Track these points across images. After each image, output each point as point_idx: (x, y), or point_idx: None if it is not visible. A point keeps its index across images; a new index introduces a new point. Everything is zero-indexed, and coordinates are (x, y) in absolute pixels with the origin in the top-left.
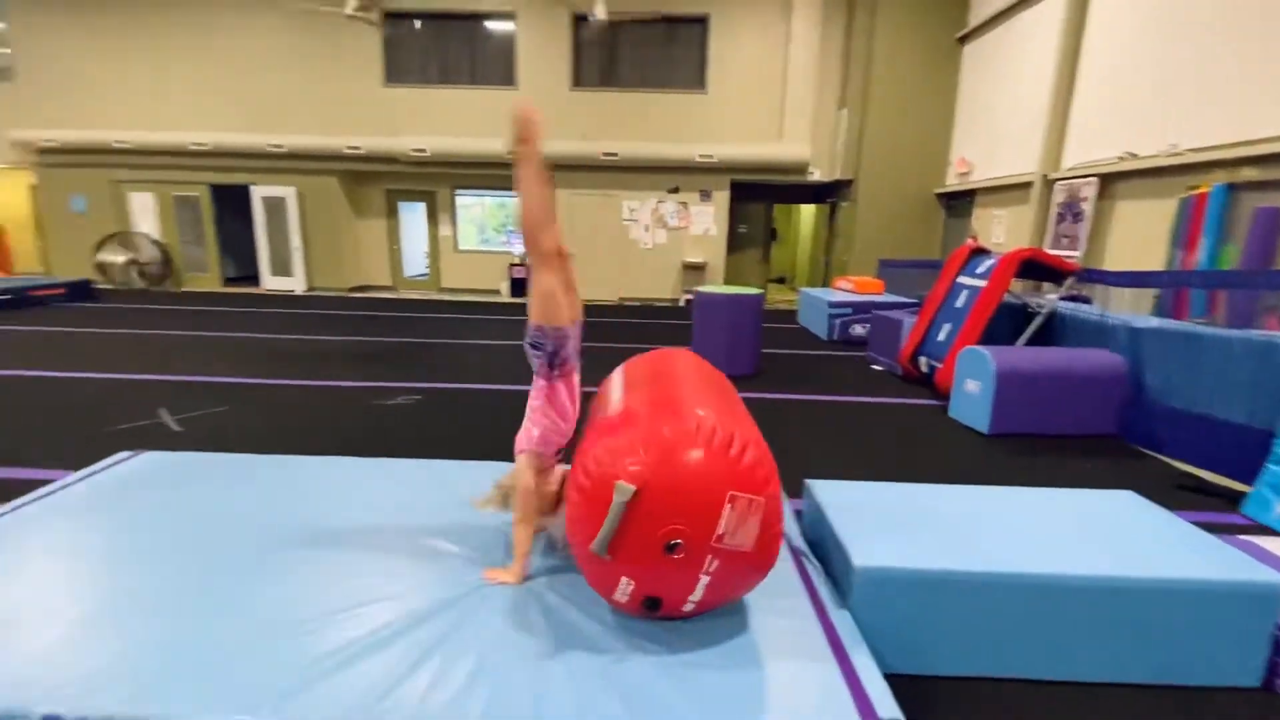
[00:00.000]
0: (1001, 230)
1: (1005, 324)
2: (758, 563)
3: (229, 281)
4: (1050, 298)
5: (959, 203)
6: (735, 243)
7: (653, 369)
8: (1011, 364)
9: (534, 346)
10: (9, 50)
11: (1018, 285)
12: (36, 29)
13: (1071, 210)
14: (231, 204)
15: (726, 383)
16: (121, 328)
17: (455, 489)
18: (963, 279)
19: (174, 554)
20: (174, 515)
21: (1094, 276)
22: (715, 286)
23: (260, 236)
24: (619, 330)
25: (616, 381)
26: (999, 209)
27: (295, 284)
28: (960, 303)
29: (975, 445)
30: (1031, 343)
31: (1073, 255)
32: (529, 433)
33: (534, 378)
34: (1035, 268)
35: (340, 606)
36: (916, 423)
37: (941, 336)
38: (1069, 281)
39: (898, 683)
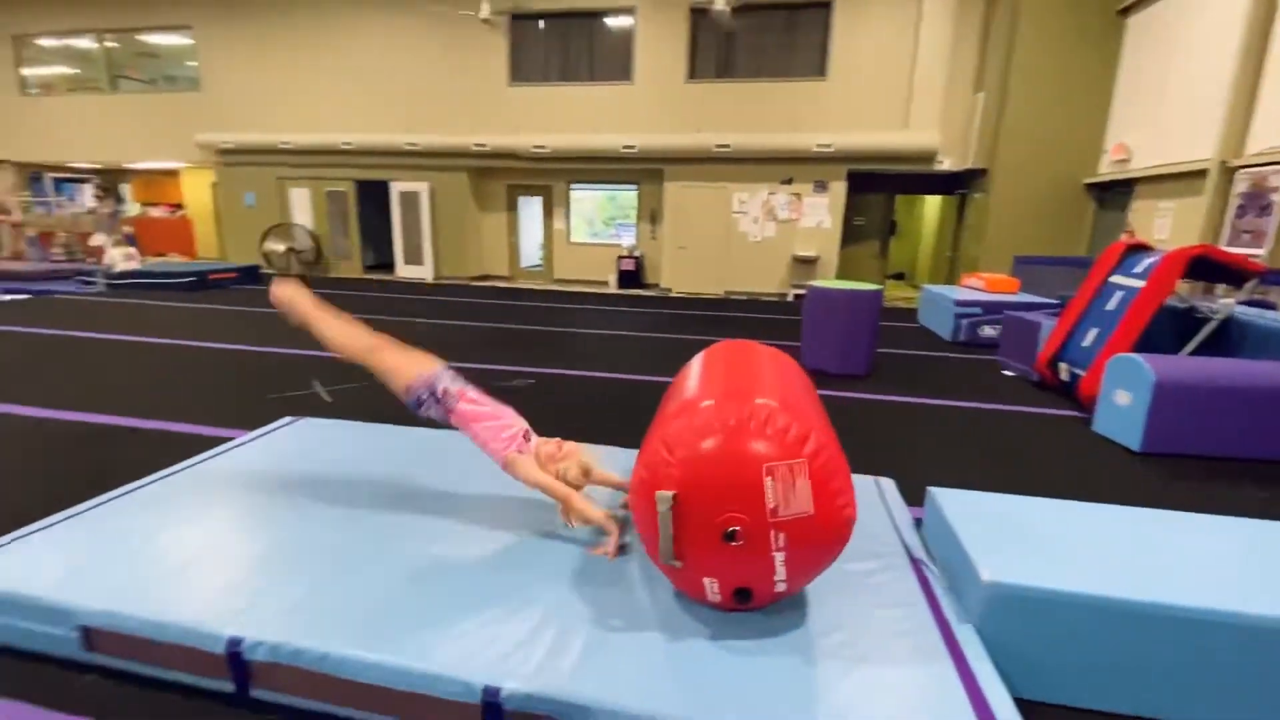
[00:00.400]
0: (1165, 225)
1: (1166, 330)
2: (829, 524)
3: (368, 269)
4: (1226, 301)
5: (1113, 194)
6: (850, 236)
7: (697, 368)
8: (1172, 374)
9: (419, 405)
10: (197, 63)
11: (1184, 287)
12: (218, 43)
13: (1256, 202)
14: (373, 198)
15: (777, 361)
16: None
17: None
18: (1116, 278)
19: (329, 507)
20: (328, 474)
21: None
22: (829, 281)
23: (396, 228)
24: (722, 325)
25: (673, 386)
26: (1164, 200)
27: (425, 272)
28: (1112, 305)
29: (1123, 463)
30: (1199, 352)
31: (1257, 254)
32: (493, 451)
33: (450, 421)
34: (1207, 267)
35: (466, 562)
36: (1053, 435)
37: (1087, 341)
38: (1252, 284)
39: (1024, 707)
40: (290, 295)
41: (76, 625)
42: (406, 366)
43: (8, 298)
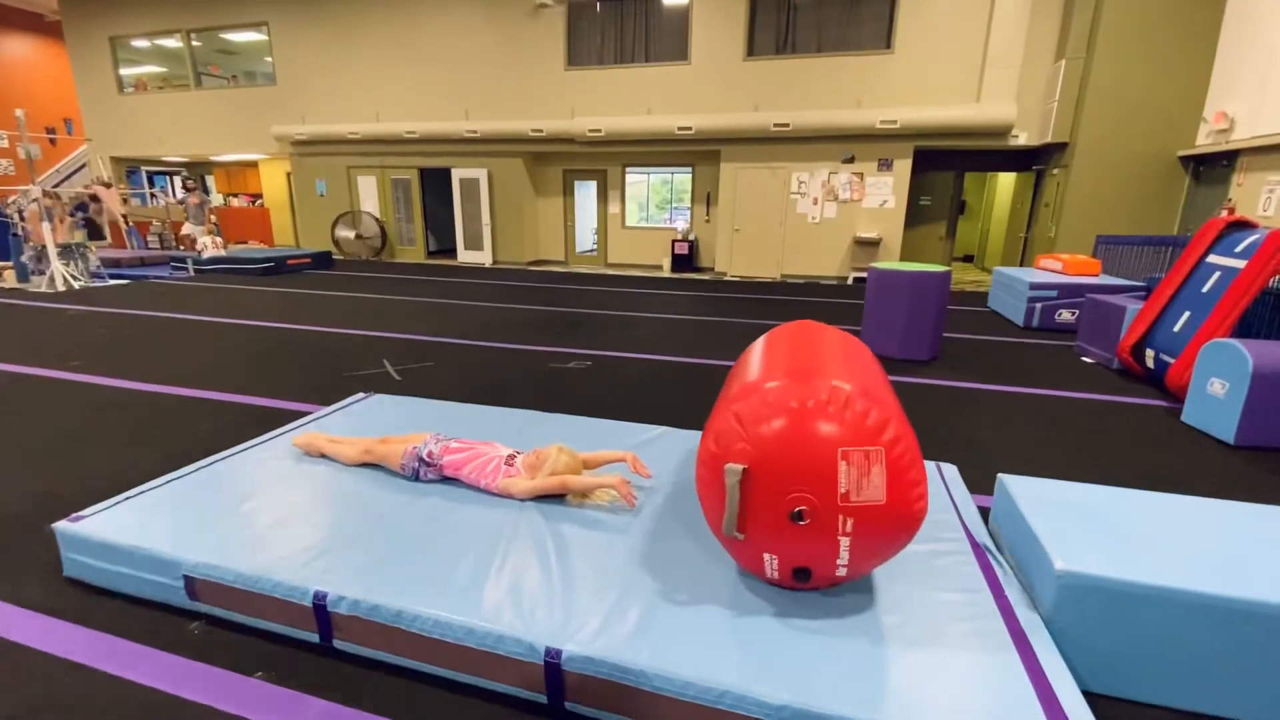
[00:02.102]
0: (1273, 201)
1: (1270, 315)
2: (900, 515)
3: (431, 254)
4: None
5: (1212, 167)
6: (915, 217)
7: (769, 344)
8: (1274, 362)
9: (417, 475)
10: (272, 59)
11: None
12: (290, 39)
13: None
14: (435, 185)
15: (850, 344)
16: (351, 291)
17: (619, 444)
18: (1214, 258)
19: (399, 479)
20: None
21: None
22: (893, 264)
23: (457, 214)
24: (777, 308)
25: (739, 363)
26: (1272, 174)
27: (484, 257)
28: (1208, 287)
29: (1216, 456)
30: None
31: None
32: (486, 485)
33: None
34: None
35: (530, 531)
36: (1137, 425)
37: (1178, 326)
38: None
39: (1093, 701)
40: (306, 440)
41: (181, 575)
42: (396, 450)
43: (112, 282)
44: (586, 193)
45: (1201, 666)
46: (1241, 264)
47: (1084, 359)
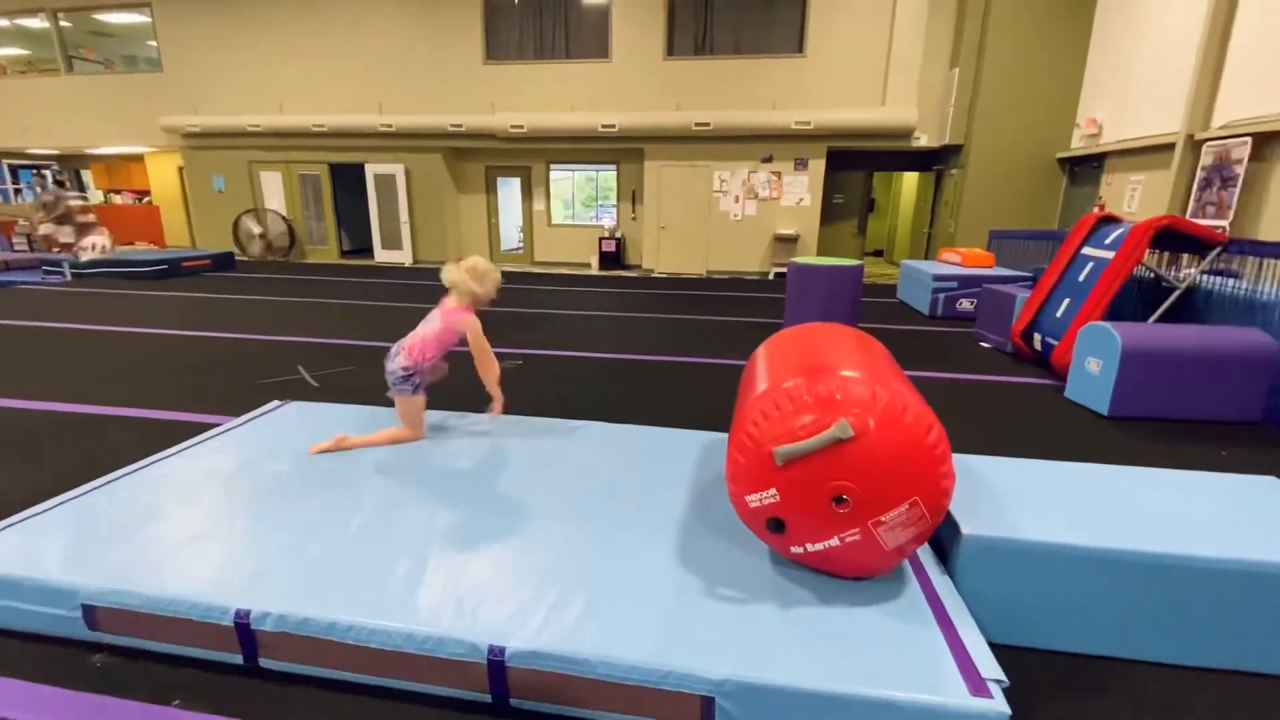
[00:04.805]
0: (1136, 198)
1: (1135, 300)
2: (877, 561)
3: (345, 254)
4: (1190, 271)
5: (1085, 168)
6: (830, 214)
7: (849, 334)
8: (1140, 341)
9: (416, 389)
10: (156, 43)
11: (1152, 258)
12: (178, 21)
13: (1220, 174)
14: (348, 181)
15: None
16: (258, 294)
17: (553, 438)
18: (1088, 250)
19: (324, 484)
20: (317, 455)
21: (1245, 248)
22: (810, 258)
23: (373, 211)
24: (707, 303)
25: (798, 336)
26: (1134, 174)
27: (403, 256)
28: (1083, 275)
29: (1093, 427)
30: (1166, 320)
31: (1220, 225)
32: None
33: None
34: (1173, 238)
35: (464, 530)
36: (1027, 402)
37: (1060, 312)
38: (1215, 253)
39: (998, 651)
40: (335, 443)
41: (79, 604)
42: (402, 426)
43: None
44: (510, 190)
45: (1089, 612)
46: (1111, 255)
47: (982, 344)
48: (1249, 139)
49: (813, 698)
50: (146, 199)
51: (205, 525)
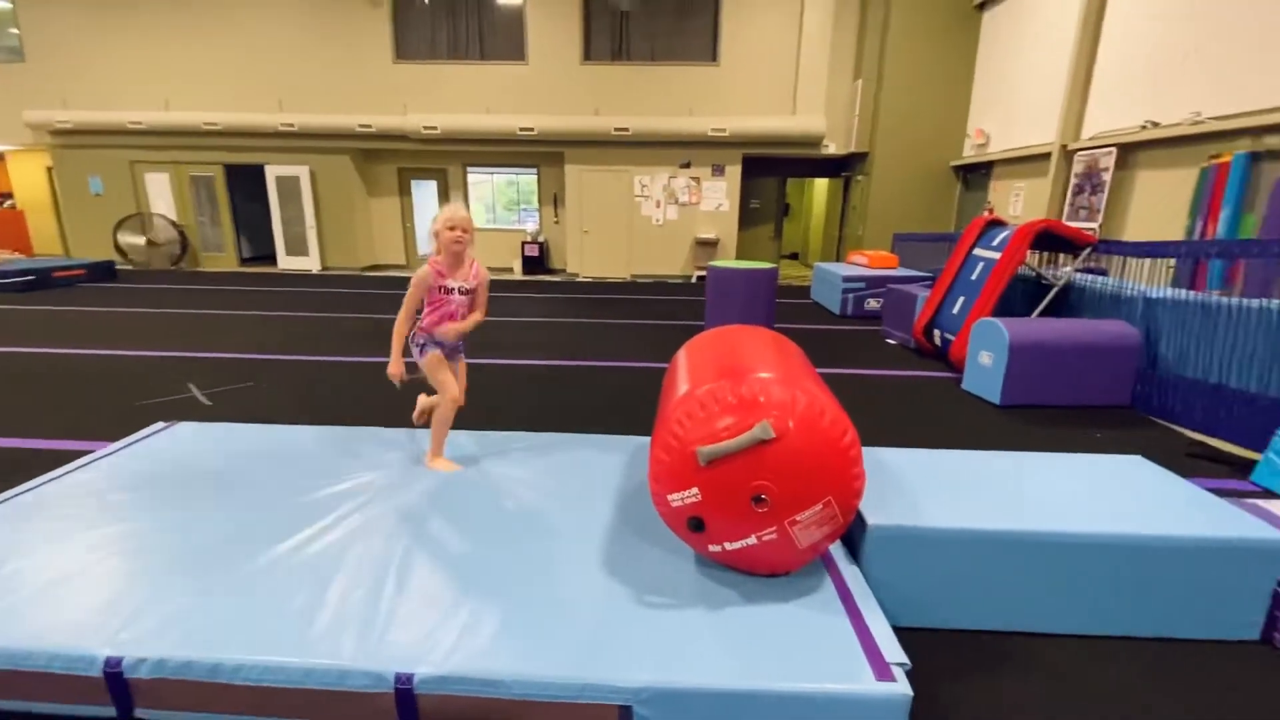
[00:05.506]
0: (1019, 202)
1: (1021, 296)
2: (791, 559)
3: (245, 261)
4: (1066, 269)
5: (976, 175)
6: (747, 219)
7: (765, 336)
8: (1025, 335)
9: (428, 345)
10: (17, 30)
11: (1034, 258)
12: (43, 7)
13: (1090, 181)
14: (247, 184)
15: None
16: (144, 307)
17: (474, 452)
18: (978, 251)
19: (209, 512)
20: (206, 478)
21: (1111, 248)
22: (728, 262)
23: (275, 216)
24: (631, 307)
25: (719, 338)
26: (1017, 181)
27: (310, 263)
28: (975, 275)
29: (987, 416)
30: (1047, 314)
31: (1090, 227)
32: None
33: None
34: (1052, 239)
35: (362, 556)
36: (929, 395)
37: (956, 309)
38: (1086, 253)
39: (906, 635)
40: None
41: None
42: (440, 391)
43: None
44: (426, 193)
45: (986, 591)
46: (998, 255)
47: (888, 340)
48: (1114, 149)
49: (728, 697)
50: (9, 203)
51: (69, 564)
